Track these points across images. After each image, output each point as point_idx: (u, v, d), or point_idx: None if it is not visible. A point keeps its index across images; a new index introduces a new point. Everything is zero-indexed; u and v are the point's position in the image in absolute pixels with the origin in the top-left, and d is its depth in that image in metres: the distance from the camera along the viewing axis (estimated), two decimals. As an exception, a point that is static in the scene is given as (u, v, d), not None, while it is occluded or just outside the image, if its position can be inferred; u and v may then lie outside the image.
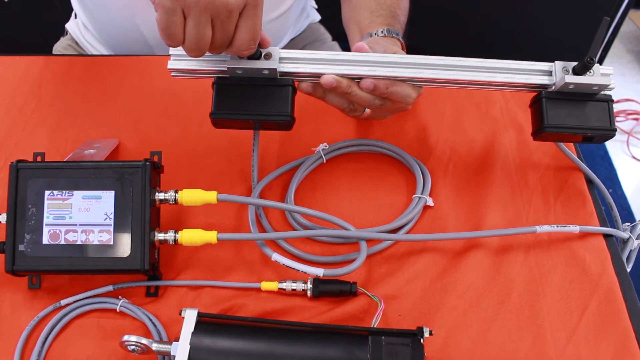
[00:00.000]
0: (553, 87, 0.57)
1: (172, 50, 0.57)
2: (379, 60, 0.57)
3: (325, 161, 0.68)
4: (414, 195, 0.64)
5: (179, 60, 0.57)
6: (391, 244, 0.61)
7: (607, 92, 0.57)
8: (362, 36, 0.70)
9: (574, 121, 0.56)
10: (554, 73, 0.57)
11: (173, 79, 0.58)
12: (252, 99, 0.55)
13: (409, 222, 0.62)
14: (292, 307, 0.57)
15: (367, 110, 0.64)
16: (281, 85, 0.56)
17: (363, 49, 0.58)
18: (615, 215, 0.65)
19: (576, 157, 0.66)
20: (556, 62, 0.56)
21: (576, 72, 0.55)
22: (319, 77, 0.56)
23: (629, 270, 0.60)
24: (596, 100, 0.57)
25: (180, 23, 0.48)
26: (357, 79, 0.57)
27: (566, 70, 0.56)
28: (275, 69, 0.55)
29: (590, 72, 0.55)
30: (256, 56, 0.55)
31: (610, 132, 0.57)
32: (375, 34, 0.68)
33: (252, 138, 0.61)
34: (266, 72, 0.55)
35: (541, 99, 0.57)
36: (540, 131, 0.57)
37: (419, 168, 0.66)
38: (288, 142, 0.70)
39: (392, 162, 0.69)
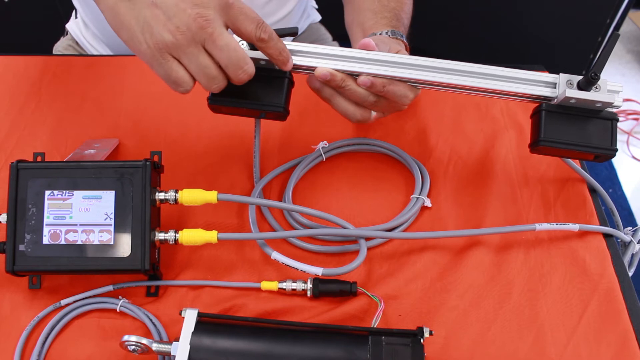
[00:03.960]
0: (555, 100, 0.55)
1: None
2: (378, 58, 0.56)
3: (324, 159, 0.68)
4: (411, 196, 0.64)
5: None
6: (388, 242, 0.61)
7: (613, 110, 0.55)
8: (365, 37, 0.70)
9: (572, 137, 0.55)
10: (558, 86, 0.55)
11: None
12: (249, 87, 0.54)
13: (405, 222, 0.62)
14: (292, 307, 0.57)
15: None
16: (278, 77, 0.56)
17: (369, 45, 0.57)
18: (617, 220, 0.65)
19: (579, 167, 0.64)
20: (561, 74, 0.54)
21: (580, 87, 0.53)
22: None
23: (631, 274, 0.60)
24: (600, 117, 0.55)
25: (177, 66, 0.48)
26: (355, 76, 0.57)
27: (570, 83, 0.54)
28: None
29: (596, 88, 0.53)
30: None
31: (610, 152, 0.54)
32: (379, 34, 0.68)
33: (254, 129, 0.62)
34: (263, 62, 0.55)
35: (541, 111, 0.55)
36: (536, 144, 0.56)
37: (418, 168, 0.66)
38: (288, 140, 0.70)
39: (392, 162, 0.69)
